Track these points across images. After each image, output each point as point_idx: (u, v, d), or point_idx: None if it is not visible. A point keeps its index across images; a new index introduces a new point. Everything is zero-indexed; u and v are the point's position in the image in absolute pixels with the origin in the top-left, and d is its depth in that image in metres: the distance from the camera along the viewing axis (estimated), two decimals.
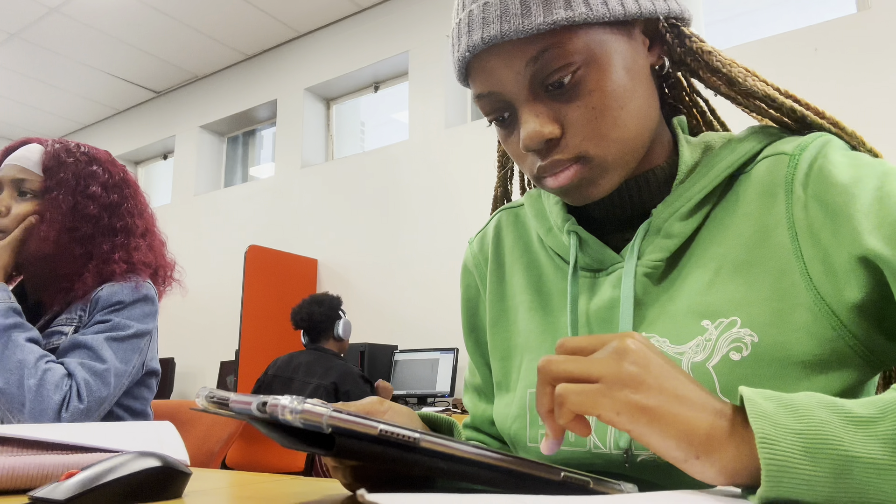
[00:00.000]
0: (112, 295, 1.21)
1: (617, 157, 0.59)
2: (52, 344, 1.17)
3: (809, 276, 0.54)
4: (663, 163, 0.65)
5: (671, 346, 0.58)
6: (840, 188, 0.54)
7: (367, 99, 4.85)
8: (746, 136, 0.63)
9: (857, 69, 2.78)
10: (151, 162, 6.17)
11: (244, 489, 0.63)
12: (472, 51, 0.57)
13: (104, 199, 1.27)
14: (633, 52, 0.59)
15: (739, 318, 0.55)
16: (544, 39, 0.55)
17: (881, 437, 0.37)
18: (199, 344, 4.83)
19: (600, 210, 0.67)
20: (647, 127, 0.61)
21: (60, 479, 0.49)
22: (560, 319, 0.68)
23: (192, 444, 1.26)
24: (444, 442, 0.44)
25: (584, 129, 0.57)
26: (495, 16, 0.56)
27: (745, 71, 0.61)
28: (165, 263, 1.37)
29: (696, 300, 0.58)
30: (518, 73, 0.57)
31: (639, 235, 0.62)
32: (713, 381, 0.55)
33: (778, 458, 0.36)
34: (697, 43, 0.61)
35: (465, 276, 0.82)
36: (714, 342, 0.56)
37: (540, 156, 0.59)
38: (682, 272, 0.61)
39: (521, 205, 0.78)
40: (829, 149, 0.57)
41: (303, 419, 0.39)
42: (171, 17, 4.46)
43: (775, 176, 0.58)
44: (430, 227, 3.93)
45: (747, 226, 0.59)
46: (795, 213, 0.56)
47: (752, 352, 0.54)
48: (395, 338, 3.84)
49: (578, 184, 0.59)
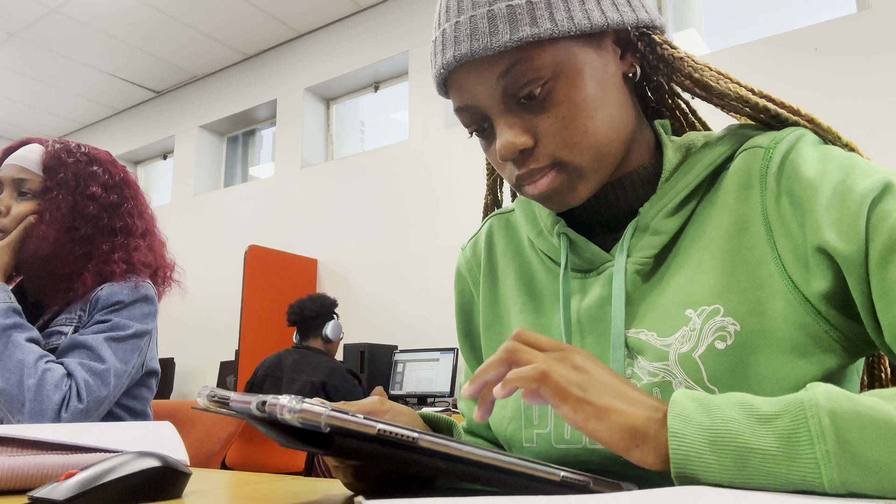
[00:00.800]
0: (112, 295, 1.21)
1: (591, 163, 0.61)
2: (51, 344, 1.17)
3: (783, 266, 0.56)
4: (647, 163, 0.67)
5: (658, 340, 0.59)
6: (806, 182, 0.56)
7: (367, 99, 4.85)
8: (725, 133, 0.65)
9: (857, 69, 2.78)
10: (151, 162, 6.17)
11: (244, 489, 0.63)
12: (447, 68, 0.60)
13: (104, 199, 1.28)
14: (603, 63, 0.61)
15: (722, 307, 0.57)
16: (512, 55, 0.58)
17: (777, 432, 0.43)
18: (199, 344, 4.83)
19: (588, 212, 0.68)
20: (620, 133, 0.62)
21: (60, 479, 0.49)
22: (553, 320, 0.69)
23: (192, 444, 1.26)
24: (443, 441, 0.44)
25: (556, 138, 0.59)
26: (465, 35, 0.59)
27: (717, 74, 0.63)
28: (165, 264, 1.37)
29: (680, 292, 0.60)
30: (490, 87, 0.59)
31: (627, 233, 0.64)
32: (700, 370, 0.56)
33: (683, 449, 0.44)
34: (669, 50, 0.63)
35: (458, 282, 0.83)
36: (699, 331, 0.57)
37: (517, 165, 0.62)
38: (669, 267, 0.63)
39: (512, 210, 0.80)
40: (801, 143, 0.59)
41: (301, 418, 0.39)
42: (171, 17, 4.46)
43: (751, 168, 0.60)
44: (429, 227, 3.93)
45: (726, 217, 0.60)
46: (769, 206, 0.58)
47: (736, 340, 0.55)
48: (395, 338, 3.85)
49: (557, 189, 0.62)
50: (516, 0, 0.57)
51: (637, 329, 0.61)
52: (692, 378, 0.56)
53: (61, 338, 1.17)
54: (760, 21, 3.44)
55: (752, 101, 0.62)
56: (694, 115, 0.73)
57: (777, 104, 0.62)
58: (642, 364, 0.60)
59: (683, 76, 0.63)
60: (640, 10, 0.63)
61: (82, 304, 1.21)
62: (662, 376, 0.58)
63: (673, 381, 0.57)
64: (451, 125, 3.99)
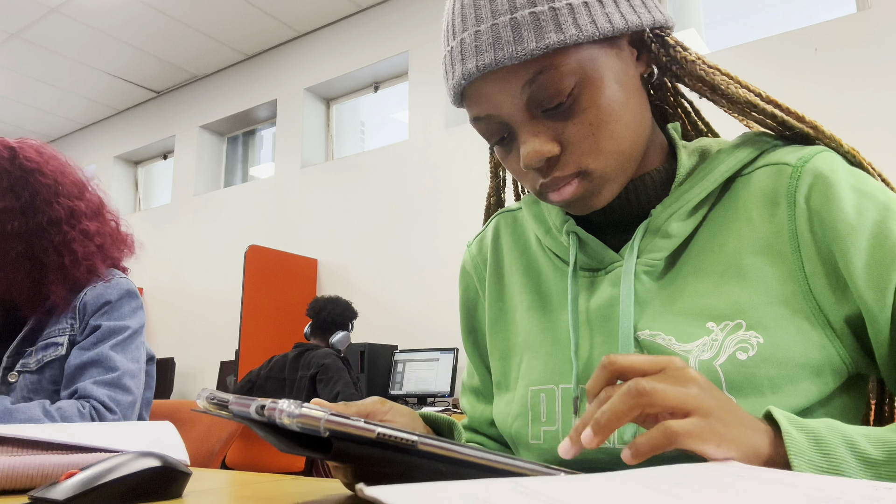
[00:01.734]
0: (98, 298, 1.19)
1: (616, 168, 0.61)
2: (48, 356, 1.15)
3: (809, 287, 0.57)
4: (659, 166, 0.67)
5: (678, 345, 0.59)
6: (843, 215, 0.56)
7: (367, 99, 4.85)
8: (743, 141, 0.65)
9: (857, 69, 2.78)
10: (151, 162, 6.17)
11: (244, 489, 0.63)
12: (468, 78, 0.59)
13: (13, 204, 1.13)
14: (623, 65, 0.61)
15: (745, 322, 0.57)
16: (538, 63, 0.57)
17: (882, 479, 0.44)
18: (199, 344, 4.83)
19: (599, 213, 0.68)
20: (641, 135, 0.62)
21: (60, 479, 0.49)
22: (560, 318, 0.68)
23: (192, 444, 1.26)
24: (443, 444, 0.43)
25: (583, 145, 0.59)
26: (488, 44, 0.57)
27: (727, 78, 0.63)
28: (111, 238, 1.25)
29: (700, 302, 0.60)
30: (514, 97, 0.58)
31: (638, 234, 0.64)
32: (720, 377, 0.56)
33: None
34: (682, 52, 0.63)
35: (463, 279, 0.83)
36: (721, 342, 0.57)
37: (541, 173, 0.61)
38: (682, 272, 0.62)
39: (519, 208, 0.80)
40: (832, 165, 0.59)
41: (300, 423, 0.39)
42: (171, 17, 4.46)
43: (777, 185, 0.60)
44: (430, 227, 3.93)
45: (749, 231, 0.61)
46: (799, 227, 0.58)
47: (758, 352, 0.56)
48: (395, 338, 3.85)
49: (581, 196, 0.61)
50: (539, 7, 0.56)
51: (653, 332, 0.61)
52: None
53: (58, 349, 1.15)
54: (760, 21, 3.44)
55: (760, 106, 0.62)
56: (697, 115, 0.73)
57: (783, 110, 0.62)
58: None
59: (695, 78, 0.63)
60: (654, 11, 0.63)
61: (70, 312, 1.18)
62: None
63: None
64: (452, 125, 3.99)
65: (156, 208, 5.70)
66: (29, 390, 1.13)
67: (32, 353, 1.16)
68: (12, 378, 1.14)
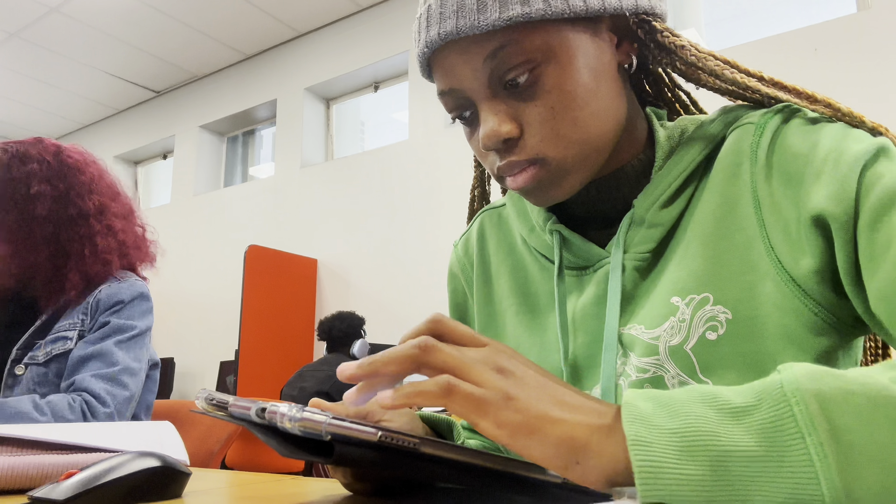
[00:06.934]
0: (111, 296, 1.21)
1: (577, 159, 0.57)
2: (56, 350, 1.16)
3: (771, 245, 0.54)
4: (641, 154, 0.63)
5: (646, 333, 0.57)
6: (799, 155, 0.53)
7: (367, 99, 4.85)
8: (719, 115, 0.62)
9: (857, 69, 2.78)
10: (151, 162, 6.17)
11: (244, 489, 0.63)
12: (430, 46, 0.57)
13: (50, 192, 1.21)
14: (598, 51, 0.57)
15: (711, 295, 0.55)
16: (501, 36, 0.54)
17: (755, 427, 0.34)
18: (199, 344, 4.83)
19: (582, 207, 0.65)
20: (611, 127, 0.58)
21: (60, 479, 0.49)
22: (548, 320, 0.67)
23: (191, 444, 1.26)
24: (445, 447, 0.43)
25: (542, 129, 0.56)
26: (451, 11, 0.55)
27: (722, 63, 0.59)
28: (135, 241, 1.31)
29: (667, 278, 0.57)
30: (476, 70, 0.56)
31: (623, 227, 0.61)
32: (692, 363, 0.54)
33: (651, 461, 0.35)
34: (670, 38, 0.59)
35: (451, 281, 0.80)
36: (689, 322, 0.55)
37: (499, 155, 0.58)
38: (666, 260, 0.60)
39: (503, 205, 0.76)
40: (794, 117, 0.56)
41: (301, 427, 0.39)
42: (171, 17, 4.46)
43: (741, 145, 0.57)
44: (429, 227, 3.93)
45: (715, 198, 0.57)
46: (758, 182, 0.55)
47: (728, 330, 0.53)
48: (395, 338, 3.84)
49: (538, 186, 0.58)
50: None
51: (630, 325, 0.59)
52: (684, 371, 0.55)
53: (67, 343, 1.17)
54: (760, 21, 3.44)
55: (763, 91, 0.58)
56: (695, 106, 0.69)
57: (790, 91, 0.58)
58: (633, 360, 0.58)
59: (686, 64, 0.59)
60: None
61: (83, 307, 1.20)
62: (654, 371, 0.56)
63: (665, 375, 0.56)
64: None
65: (156, 208, 5.70)
66: (35, 383, 1.14)
67: (42, 346, 1.17)
68: (19, 370, 1.16)
